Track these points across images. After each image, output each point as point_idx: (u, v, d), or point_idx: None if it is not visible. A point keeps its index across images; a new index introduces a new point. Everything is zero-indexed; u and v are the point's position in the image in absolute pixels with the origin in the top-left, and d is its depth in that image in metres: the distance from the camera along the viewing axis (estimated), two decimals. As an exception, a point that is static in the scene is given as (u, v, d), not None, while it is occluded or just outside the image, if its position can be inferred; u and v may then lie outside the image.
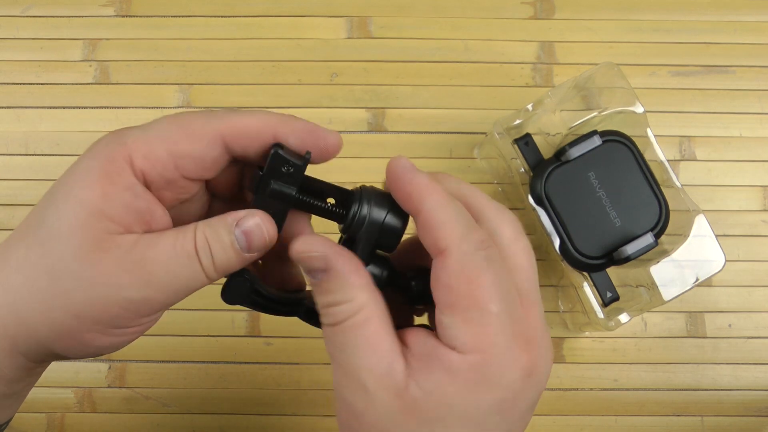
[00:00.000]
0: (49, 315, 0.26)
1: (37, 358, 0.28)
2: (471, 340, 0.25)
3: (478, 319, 0.25)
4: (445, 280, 0.26)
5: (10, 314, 0.26)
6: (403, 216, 0.28)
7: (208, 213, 0.31)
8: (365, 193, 0.29)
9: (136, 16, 0.53)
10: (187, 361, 0.49)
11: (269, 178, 0.27)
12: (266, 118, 0.27)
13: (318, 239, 0.27)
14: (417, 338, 0.27)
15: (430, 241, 0.26)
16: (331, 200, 0.29)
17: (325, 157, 0.29)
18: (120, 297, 0.26)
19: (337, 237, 0.30)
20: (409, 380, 0.25)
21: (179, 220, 0.29)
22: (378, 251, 0.29)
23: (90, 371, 0.49)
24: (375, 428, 0.26)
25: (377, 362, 0.26)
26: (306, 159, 0.27)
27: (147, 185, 0.27)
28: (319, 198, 0.29)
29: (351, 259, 0.27)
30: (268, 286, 0.30)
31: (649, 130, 0.45)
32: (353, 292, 0.26)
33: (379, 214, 0.28)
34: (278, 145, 0.27)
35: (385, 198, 0.29)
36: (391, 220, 0.28)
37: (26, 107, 0.52)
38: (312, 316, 0.30)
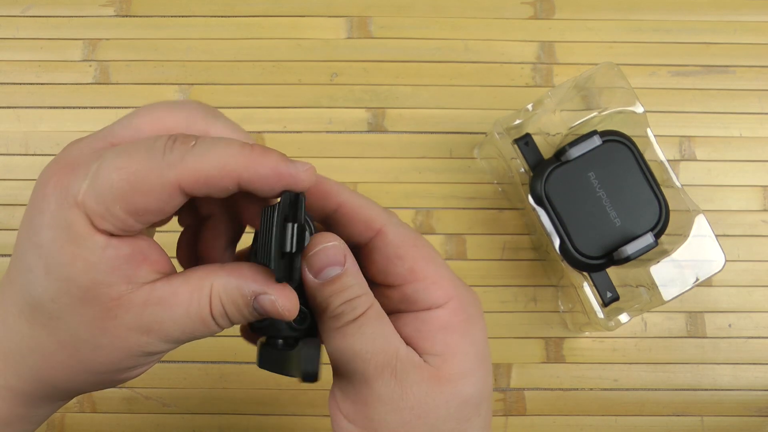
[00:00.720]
0: (74, 379, 0.27)
1: (65, 399, 0.30)
2: (441, 291, 0.28)
3: (437, 271, 0.29)
4: (393, 252, 0.28)
5: (29, 378, 0.27)
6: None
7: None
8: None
9: (136, 16, 0.53)
10: (187, 361, 0.49)
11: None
12: (227, 162, 0.24)
13: (330, 234, 0.28)
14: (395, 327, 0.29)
15: (362, 225, 0.29)
16: None
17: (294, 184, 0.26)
18: (139, 352, 0.26)
19: None
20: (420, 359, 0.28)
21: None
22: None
23: (90, 371, 0.49)
24: (419, 407, 0.28)
25: (407, 348, 0.28)
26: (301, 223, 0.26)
27: (112, 236, 0.25)
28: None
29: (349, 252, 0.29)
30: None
31: (649, 130, 0.46)
32: (364, 284, 0.28)
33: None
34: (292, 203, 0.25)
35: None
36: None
37: (26, 107, 0.52)
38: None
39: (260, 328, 0.29)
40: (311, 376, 0.26)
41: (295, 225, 0.25)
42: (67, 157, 0.25)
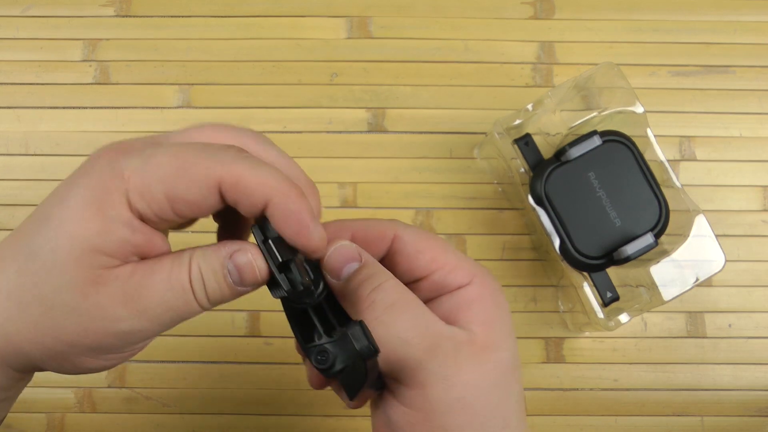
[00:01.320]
0: (40, 341, 0.26)
1: (27, 371, 0.28)
2: (466, 271, 0.30)
3: (456, 255, 0.31)
4: (413, 248, 0.31)
5: (2, 337, 0.26)
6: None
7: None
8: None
9: (136, 16, 0.53)
10: (187, 361, 0.49)
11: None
12: (268, 182, 0.25)
13: (344, 238, 0.30)
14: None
15: (377, 240, 0.31)
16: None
17: (301, 247, 0.27)
18: (115, 329, 0.26)
19: None
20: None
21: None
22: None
23: (90, 371, 0.49)
24: (472, 380, 0.29)
25: (440, 321, 0.29)
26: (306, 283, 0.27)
27: (141, 219, 0.26)
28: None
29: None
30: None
31: (649, 130, 0.45)
32: (389, 273, 0.30)
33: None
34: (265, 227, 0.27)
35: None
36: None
37: (26, 107, 0.52)
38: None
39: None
40: (368, 351, 0.26)
41: (269, 240, 0.26)
42: (123, 143, 0.27)
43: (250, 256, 0.26)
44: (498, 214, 0.51)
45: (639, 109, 0.46)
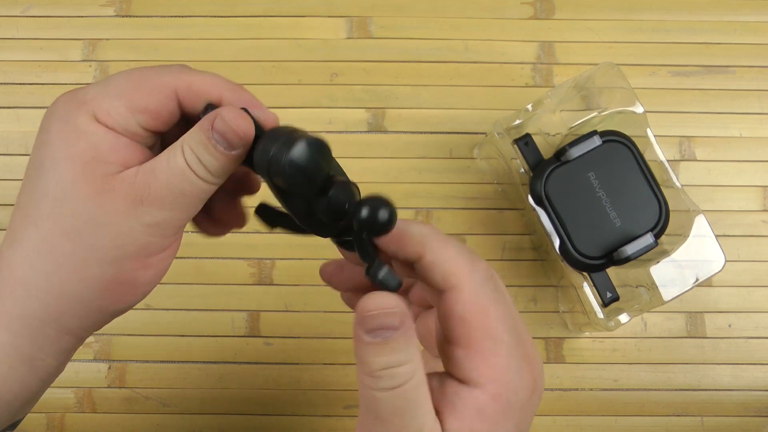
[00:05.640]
0: (86, 274, 0.27)
1: (89, 327, 0.28)
2: (488, 371, 0.26)
3: (492, 349, 0.26)
4: (459, 314, 0.26)
5: (49, 293, 0.27)
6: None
7: None
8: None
9: (136, 16, 0.53)
10: (187, 362, 0.49)
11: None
12: (216, 81, 0.29)
13: (392, 295, 0.26)
14: (434, 385, 0.27)
15: (438, 278, 0.27)
16: None
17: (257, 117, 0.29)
18: (141, 224, 0.27)
19: None
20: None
21: None
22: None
23: (90, 371, 0.49)
24: None
25: (433, 423, 0.26)
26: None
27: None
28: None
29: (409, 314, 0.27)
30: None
31: (649, 130, 0.45)
32: (413, 351, 0.26)
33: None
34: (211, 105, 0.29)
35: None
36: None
37: (26, 107, 0.52)
38: (346, 245, 0.29)
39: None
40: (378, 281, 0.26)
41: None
42: (76, 89, 0.29)
43: (227, 116, 0.27)
44: (498, 214, 0.51)
45: (639, 109, 0.46)
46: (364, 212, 0.26)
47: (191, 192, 0.27)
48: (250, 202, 0.32)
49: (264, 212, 0.30)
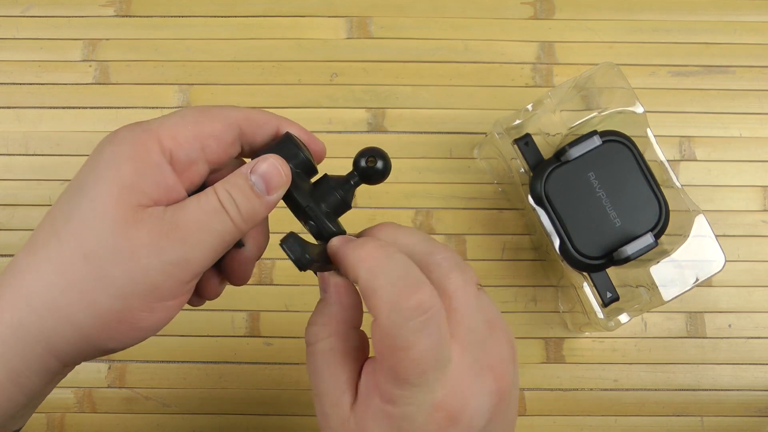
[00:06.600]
0: (91, 300, 0.26)
1: (75, 356, 0.28)
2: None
3: (403, 385, 0.26)
4: (376, 347, 0.26)
5: (49, 310, 0.26)
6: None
7: None
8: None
9: (136, 16, 0.53)
10: (187, 361, 0.49)
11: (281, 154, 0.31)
12: (273, 115, 0.31)
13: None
14: (366, 373, 0.28)
15: (368, 308, 0.27)
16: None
17: (315, 160, 0.33)
18: (160, 262, 0.27)
19: None
20: (350, 414, 0.27)
21: None
22: None
23: (90, 371, 0.49)
24: None
25: (332, 390, 0.28)
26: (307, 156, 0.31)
27: (172, 163, 0.28)
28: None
29: (349, 290, 0.29)
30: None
31: (649, 130, 0.45)
32: (331, 320, 0.29)
33: None
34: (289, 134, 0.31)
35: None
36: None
37: (26, 107, 0.52)
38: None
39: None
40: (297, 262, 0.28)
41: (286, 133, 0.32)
42: (141, 121, 0.30)
43: (270, 161, 0.29)
44: (498, 214, 0.51)
45: (639, 109, 0.46)
46: (362, 162, 0.33)
47: (219, 234, 0.28)
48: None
49: (294, 242, 0.29)
